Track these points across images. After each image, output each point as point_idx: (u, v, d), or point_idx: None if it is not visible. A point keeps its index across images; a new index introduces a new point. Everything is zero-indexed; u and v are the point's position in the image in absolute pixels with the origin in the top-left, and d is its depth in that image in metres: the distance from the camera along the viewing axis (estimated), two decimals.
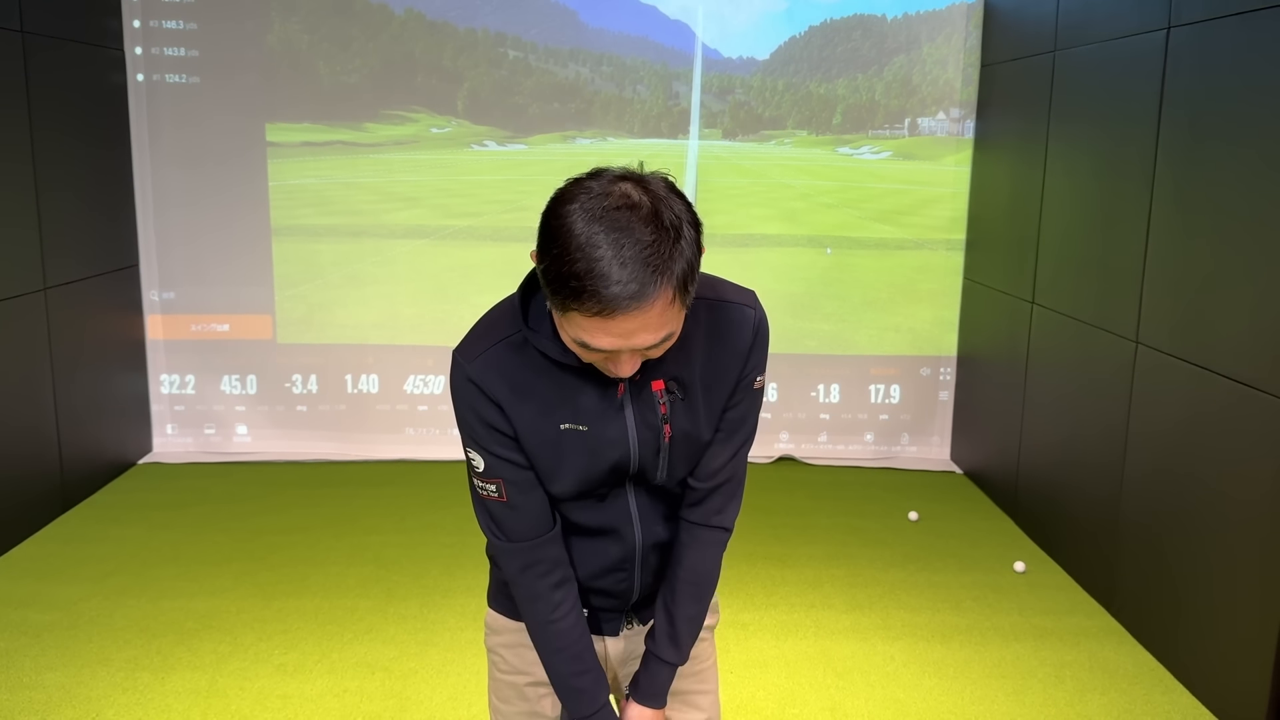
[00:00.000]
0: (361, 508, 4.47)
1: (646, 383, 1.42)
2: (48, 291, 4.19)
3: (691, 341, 1.42)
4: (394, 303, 5.14)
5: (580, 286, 1.19)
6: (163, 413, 5.13)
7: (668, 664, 1.57)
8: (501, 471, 1.44)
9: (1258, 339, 2.81)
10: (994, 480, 4.71)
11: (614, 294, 1.19)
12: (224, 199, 4.99)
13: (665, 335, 1.27)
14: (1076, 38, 3.90)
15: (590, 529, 1.51)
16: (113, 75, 4.72)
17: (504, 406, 1.40)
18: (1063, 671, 3.20)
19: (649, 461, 1.45)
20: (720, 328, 1.45)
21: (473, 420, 1.43)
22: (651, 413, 1.42)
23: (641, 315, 1.21)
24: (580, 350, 1.30)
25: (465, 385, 1.41)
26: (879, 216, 5.19)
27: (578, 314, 1.22)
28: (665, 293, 1.21)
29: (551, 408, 1.40)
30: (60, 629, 3.33)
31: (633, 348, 1.26)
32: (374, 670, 3.13)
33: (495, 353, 1.40)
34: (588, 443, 1.42)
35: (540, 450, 1.42)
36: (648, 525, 1.52)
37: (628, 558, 1.53)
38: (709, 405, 1.46)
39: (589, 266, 1.19)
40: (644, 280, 1.19)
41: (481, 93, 5.06)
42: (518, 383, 1.40)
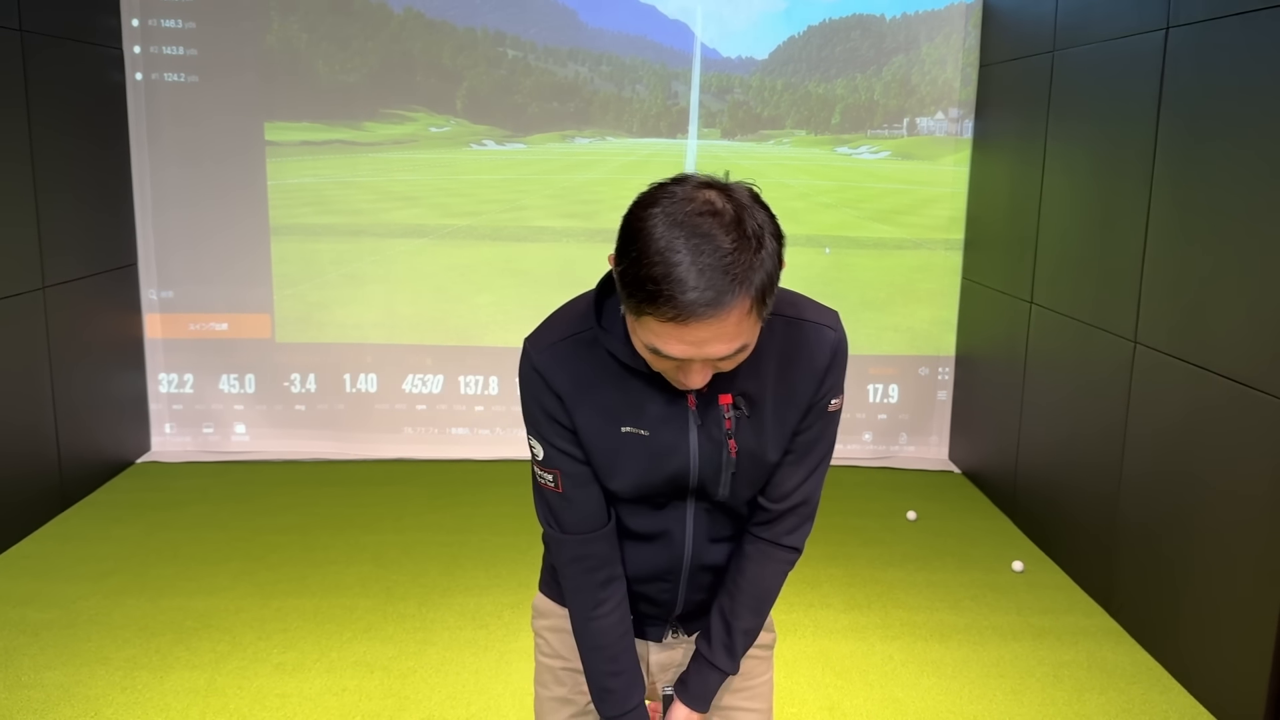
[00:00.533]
0: (360, 507, 4.47)
1: (714, 396, 1.39)
2: (46, 290, 4.18)
3: (765, 358, 1.39)
4: (392, 302, 5.13)
5: (656, 291, 1.17)
6: (161, 412, 5.13)
7: (718, 670, 1.56)
8: (559, 463, 1.44)
9: (1256, 338, 2.82)
10: (992, 480, 4.71)
11: (690, 300, 1.16)
12: (223, 198, 4.99)
13: (739, 347, 1.24)
14: (1075, 38, 3.91)
15: (641, 534, 1.50)
16: (111, 74, 4.72)
17: (565, 400, 1.40)
18: (1061, 671, 3.21)
19: (710, 477, 1.43)
20: (797, 347, 1.42)
21: (535, 409, 1.43)
22: (716, 427, 1.40)
23: (717, 324, 1.19)
24: (651, 357, 1.28)
25: (531, 374, 1.41)
26: (877, 216, 5.20)
27: (652, 319, 1.20)
28: (742, 303, 1.19)
29: (614, 410, 1.40)
30: (59, 628, 3.33)
31: (705, 358, 1.24)
32: (373, 669, 3.13)
33: (564, 347, 1.40)
34: (648, 448, 1.40)
35: (599, 450, 1.42)
36: (699, 542, 1.50)
37: (674, 569, 1.52)
38: (778, 425, 1.43)
39: (666, 271, 1.16)
40: (721, 289, 1.16)
41: (480, 92, 5.06)
42: (583, 380, 1.39)
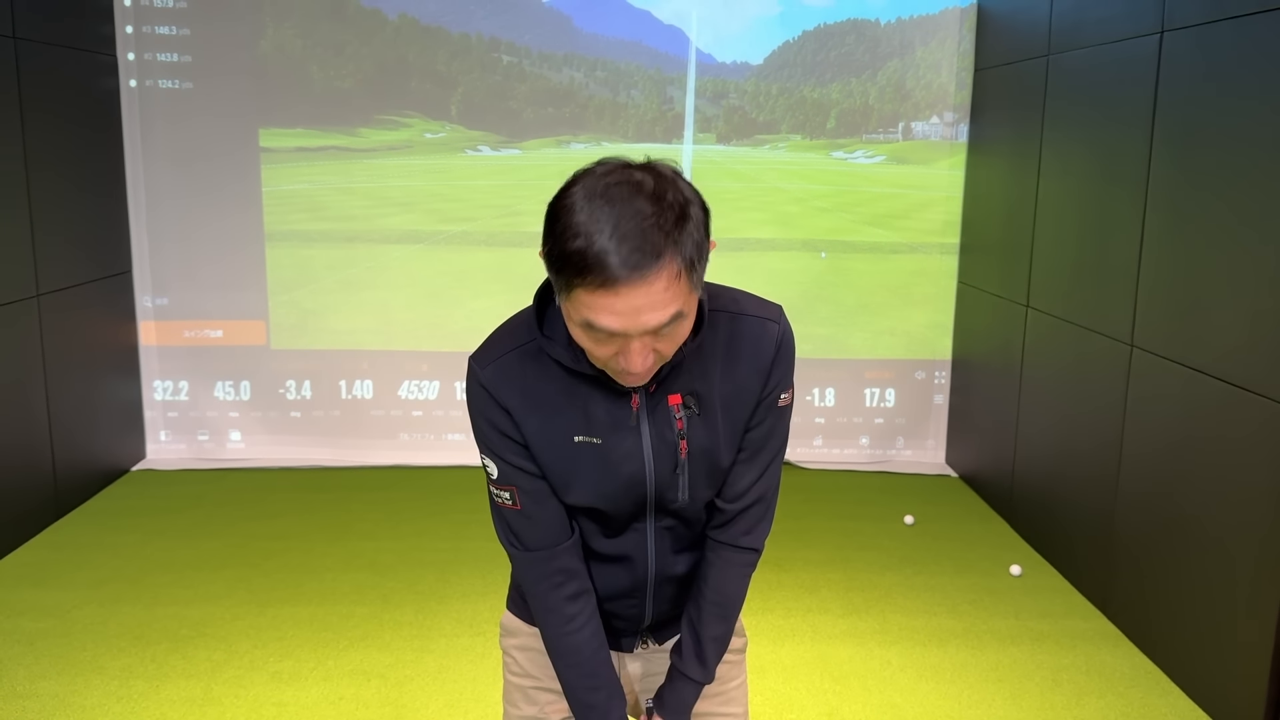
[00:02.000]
0: (356, 514, 4.45)
1: (663, 397, 1.39)
2: (40, 298, 4.17)
3: (710, 357, 1.39)
4: (388, 308, 5.13)
5: (583, 261, 1.16)
6: (156, 419, 5.12)
7: (693, 681, 1.56)
8: (515, 479, 1.43)
9: (1252, 341, 2.82)
10: (989, 484, 4.71)
11: (616, 264, 1.15)
12: (217, 204, 4.98)
13: (673, 315, 1.21)
14: (1070, 42, 3.91)
15: (603, 555, 1.50)
16: (105, 81, 4.71)
17: (515, 414, 1.39)
18: (1059, 675, 3.20)
19: (667, 480, 1.42)
20: (741, 342, 1.41)
21: (485, 427, 1.41)
22: (668, 428, 1.39)
23: (646, 288, 1.17)
24: (590, 344, 1.26)
25: (478, 391, 1.40)
26: (873, 220, 5.20)
27: (581, 290, 1.18)
28: (670, 265, 1.18)
29: (564, 419, 1.38)
30: (54, 637, 3.31)
31: (641, 329, 1.21)
32: (370, 677, 3.12)
33: (509, 360, 1.39)
34: (602, 455, 1.39)
35: (553, 462, 1.41)
36: (662, 557, 1.51)
37: (638, 587, 1.53)
38: (729, 422, 1.42)
39: (589, 241, 1.16)
40: (646, 250, 1.16)
41: (475, 98, 5.05)
42: (530, 391, 1.38)
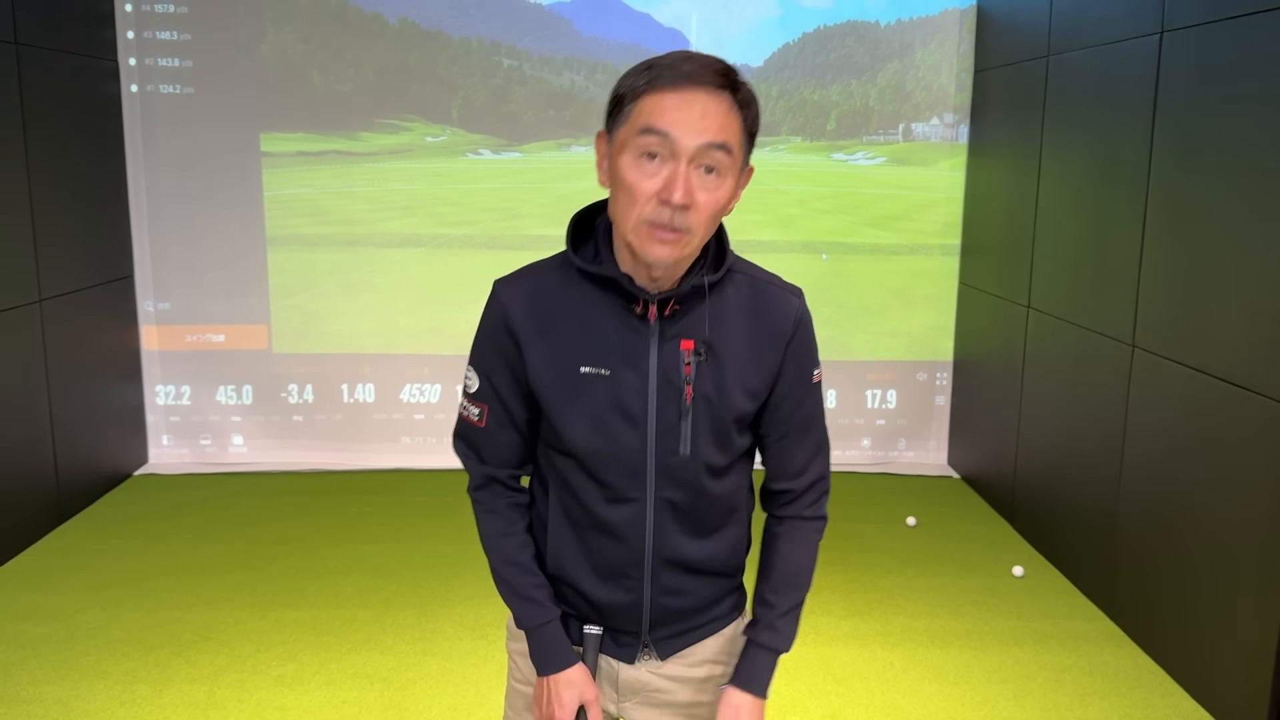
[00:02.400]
0: (358, 517, 4.46)
1: (675, 339, 1.40)
2: (42, 303, 4.17)
3: (730, 312, 1.42)
4: (389, 312, 5.13)
5: (654, 67, 1.28)
6: (158, 424, 5.12)
7: (769, 650, 1.50)
8: (490, 400, 1.47)
9: (1253, 341, 2.82)
10: (991, 485, 4.71)
11: (686, 69, 1.27)
12: (218, 209, 4.99)
13: (725, 142, 1.28)
14: (1070, 42, 3.92)
15: (602, 524, 1.46)
16: (107, 86, 4.72)
17: (522, 339, 1.42)
18: (1063, 676, 3.20)
19: (669, 426, 1.40)
20: (761, 306, 1.44)
21: (486, 344, 1.46)
22: (675, 371, 1.39)
23: (707, 97, 1.27)
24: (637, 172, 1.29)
25: (494, 307, 1.45)
26: (874, 222, 5.20)
27: (647, 96, 1.28)
28: (731, 99, 1.29)
29: (574, 346, 1.40)
30: (57, 642, 3.31)
31: (696, 140, 1.26)
32: (372, 681, 3.12)
33: (531, 281, 1.44)
34: (607, 388, 1.39)
35: (554, 391, 1.41)
36: (662, 533, 1.45)
37: (635, 562, 1.46)
38: (739, 382, 1.42)
39: (664, 59, 1.29)
40: (713, 71, 1.28)
41: (476, 101, 5.06)
42: (545, 315, 1.41)
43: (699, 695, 1.57)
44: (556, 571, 1.51)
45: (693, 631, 1.54)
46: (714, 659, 1.57)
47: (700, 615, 1.54)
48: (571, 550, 1.49)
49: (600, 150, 1.37)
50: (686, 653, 1.55)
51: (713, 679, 1.57)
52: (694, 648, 1.55)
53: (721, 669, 1.58)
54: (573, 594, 1.52)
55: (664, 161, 1.28)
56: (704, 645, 1.56)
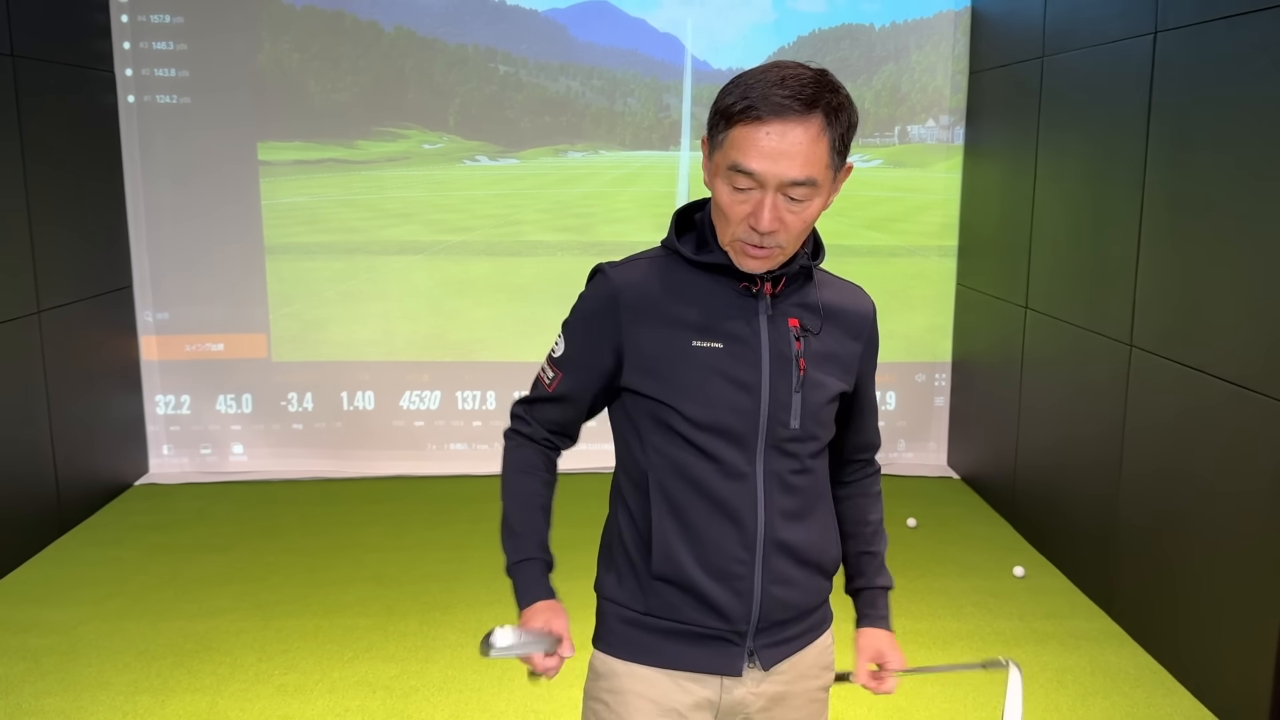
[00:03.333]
0: (359, 525, 4.46)
1: (782, 316, 1.47)
2: (42, 315, 4.18)
3: (822, 301, 1.51)
4: (389, 319, 5.14)
5: (744, 97, 1.33)
6: (158, 433, 5.12)
7: (885, 589, 1.66)
8: (572, 369, 1.52)
9: (1250, 340, 2.82)
10: (991, 485, 4.71)
11: (774, 100, 1.31)
12: (217, 218, 4.99)
13: (809, 177, 1.34)
14: (1064, 44, 3.92)
15: (716, 501, 1.45)
16: (104, 97, 4.73)
17: (628, 317, 1.45)
18: (1064, 676, 3.20)
19: (782, 400, 1.45)
20: (848, 298, 1.56)
21: (587, 315, 1.50)
22: (786, 345, 1.46)
23: (794, 129, 1.32)
24: (728, 197, 1.36)
25: (603, 283, 1.48)
26: (871, 224, 5.21)
27: (736, 129, 1.34)
28: (819, 121, 1.33)
29: (685, 324, 1.44)
30: (59, 653, 3.32)
31: (780, 177, 1.32)
32: (375, 689, 3.12)
33: (640, 264, 1.49)
34: (721, 361, 1.44)
35: (667, 366, 1.44)
36: (772, 515, 1.47)
37: (748, 544, 1.46)
38: (835, 359, 1.52)
39: (754, 82, 1.33)
40: (801, 98, 1.31)
41: (473, 108, 5.07)
42: (656, 293, 1.46)
43: (793, 713, 1.56)
44: (664, 572, 1.47)
45: (794, 640, 1.55)
46: (807, 673, 1.58)
47: (802, 620, 1.56)
48: (679, 543, 1.46)
49: (704, 152, 1.45)
50: (785, 666, 1.54)
51: (810, 693, 1.58)
52: (791, 660, 1.55)
53: (814, 681, 1.59)
54: (681, 596, 1.48)
55: (752, 191, 1.36)
56: (801, 657, 1.56)
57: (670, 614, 1.49)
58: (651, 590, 1.49)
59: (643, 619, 1.50)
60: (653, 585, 1.48)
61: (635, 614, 1.50)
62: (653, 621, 1.50)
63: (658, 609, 1.49)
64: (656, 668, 1.50)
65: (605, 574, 1.56)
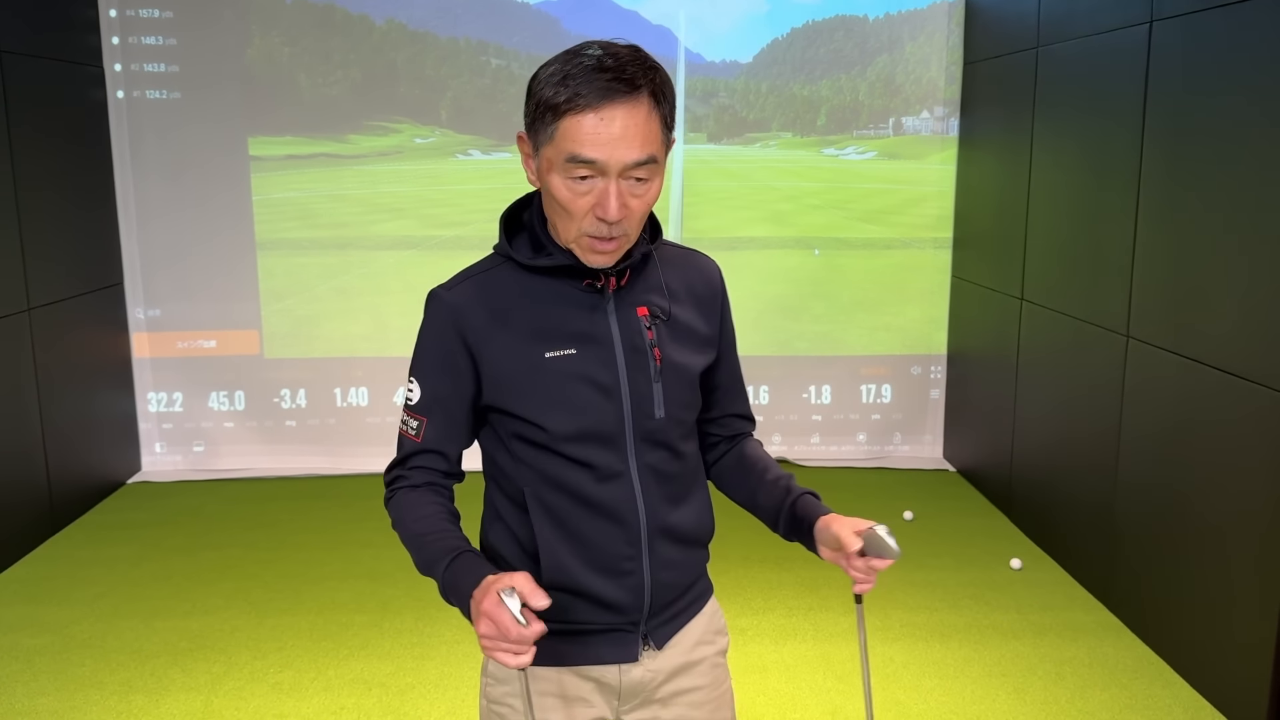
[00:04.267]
0: (354, 521, 4.44)
1: (630, 308, 1.44)
2: (31, 312, 4.15)
3: (668, 277, 1.50)
4: (382, 314, 5.11)
5: (569, 86, 1.27)
6: (151, 431, 5.10)
7: (813, 494, 1.58)
8: (431, 411, 1.45)
9: (1247, 330, 2.81)
10: (988, 478, 4.71)
11: (601, 85, 1.27)
12: (207, 214, 4.96)
13: (649, 156, 1.30)
14: (1059, 33, 3.91)
15: (596, 506, 1.45)
16: (93, 92, 4.69)
17: (475, 339, 1.41)
18: (1063, 668, 3.20)
19: (643, 392, 1.44)
20: (691, 266, 1.54)
21: (432, 349, 1.45)
22: (639, 336, 1.44)
23: (628, 110, 1.27)
24: (568, 191, 1.31)
25: (441, 311, 1.44)
26: (866, 217, 5.19)
27: (566, 119, 1.27)
28: (648, 99, 1.30)
29: (534, 335, 1.41)
30: (52, 653, 3.29)
31: (621, 161, 1.28)
32: (370, 686, 3.10)
33: (475, 282, 1.45)
34: (576, 366, 1.41)
35: (523, 381, 1.41)
36: (652, 505, 1.48)
37: (633, 539, 1.47)
38: (692, 336, 1.50)
39: (573, 70, 1.28)
40: (627, 78, 1.27)
41: (465, 101, 5.04)
42: (498, 308, 1.42)
43: (696, 680, 1.58)
44: (554, 580, 1.47)
45: (681, 614, 1.57)
46: (700, 639, 1.60)
47: (687, 594, 1.58)
48: (565, 550, 1.47)
49: (523, 150, 1.39)
50: (676, 639, 1.57)
51: (706, 660, 1.60)
52: (682, 633, 1.58)
53: (710, 647, 1.61)
54: (574, 600, 1.49)
55: (593, 180, 1.31)
56: (690, 628, 1.58)
57: (563, 616, 1.48)
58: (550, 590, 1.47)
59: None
60: (549, 588, 1.46)
61: None
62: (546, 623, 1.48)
63: (550, 614, 1.46)
64: (555, 666, 1.51)
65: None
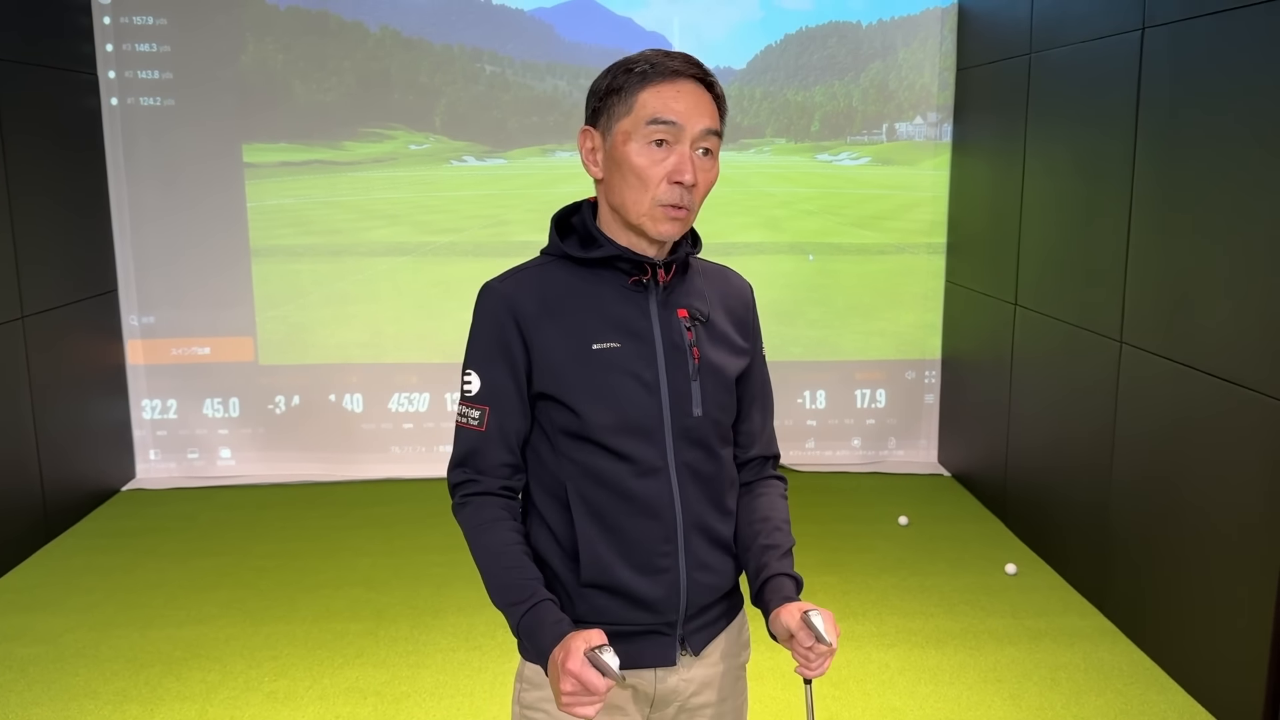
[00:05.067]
0: (349, 529, 4.43)
1: (673, 307, 1.50)
2: (25, 319, 4.14)
3: (704, 287, 1.56)
4: (376, 321, 5.11)
5: (649, 63, 1.41)
6: (145, 438, 5.08)
7: (794, 577, 1.52)
8: (492, 399, 1.47)
9: (1240, 336, 2.82)
10: (982, 482, 4.71)
11: (673, 67, 1.42)
12: (202, 221, 4.96)
13: (718, 128, 1.44)
14: (1051, 40, 3.92)
15: (634, 499, 1.46)
16: (87, 100, 4.69)
17: (528, 326, 1.45)
18: (1058, 674, 3.20)
19: (682, 390, 1.48)
20: (726, 281, 1.61)
21: (487, 339, 1.47)
22: (679, 336, 1.49)
23: (696, 88, 1.42)
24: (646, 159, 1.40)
25: (493, 301, 1.47)
26: (860, 222, 5.20)
27: (648, 89, 1.40)
28: (706, 89, 1.43)
29: (581, 327, 1.46)
30: (46, 662, 3.28)
31: (700, 125, 1.41)
32: (366, 695, 3.10)
33: (527, 273, 1.50)
34: (620, 360, 1.45)
35: (570, 372, 1.45)
36: (689, 502, 1.50)
37: (669, 534, 1.49)
38: (728, 342, 1.56)
39: (644, 58, 1.43)
40: (695, 67, 1.43)
41: (459, 108, 5.04)
42: (549, 299, 1.46)
43: (720, 695, 1.61)
44: (593, 577, 1.48)
45: (717, 622, 1.59)
46: (728, 651, 1.62)
47: (722, 602, 1.60)
48: (604, 546, 1.48)
49: (586, 144, 1.47)
50: (711, 648, 1.59)
51: (729, 673, 1.62)
52: (715, 642, 1.59)
53: (737, 661, 1.64)
54: (611, 599, 1.49)
55: (670, 148, 1.41)
56: (721, 639, 1.61)
57: (600, 617, 1.49)
58: (581, 597, 1.49)
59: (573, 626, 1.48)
60: (582, 592, 1.49)
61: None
62: (582, 627, 1.47)
63: (587, 615, 1.50)
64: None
65: None
